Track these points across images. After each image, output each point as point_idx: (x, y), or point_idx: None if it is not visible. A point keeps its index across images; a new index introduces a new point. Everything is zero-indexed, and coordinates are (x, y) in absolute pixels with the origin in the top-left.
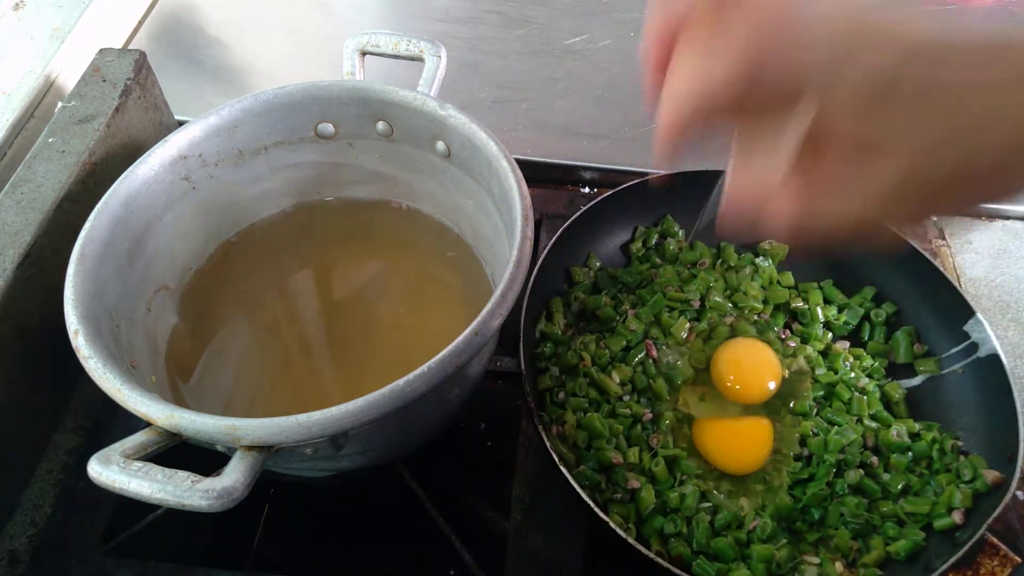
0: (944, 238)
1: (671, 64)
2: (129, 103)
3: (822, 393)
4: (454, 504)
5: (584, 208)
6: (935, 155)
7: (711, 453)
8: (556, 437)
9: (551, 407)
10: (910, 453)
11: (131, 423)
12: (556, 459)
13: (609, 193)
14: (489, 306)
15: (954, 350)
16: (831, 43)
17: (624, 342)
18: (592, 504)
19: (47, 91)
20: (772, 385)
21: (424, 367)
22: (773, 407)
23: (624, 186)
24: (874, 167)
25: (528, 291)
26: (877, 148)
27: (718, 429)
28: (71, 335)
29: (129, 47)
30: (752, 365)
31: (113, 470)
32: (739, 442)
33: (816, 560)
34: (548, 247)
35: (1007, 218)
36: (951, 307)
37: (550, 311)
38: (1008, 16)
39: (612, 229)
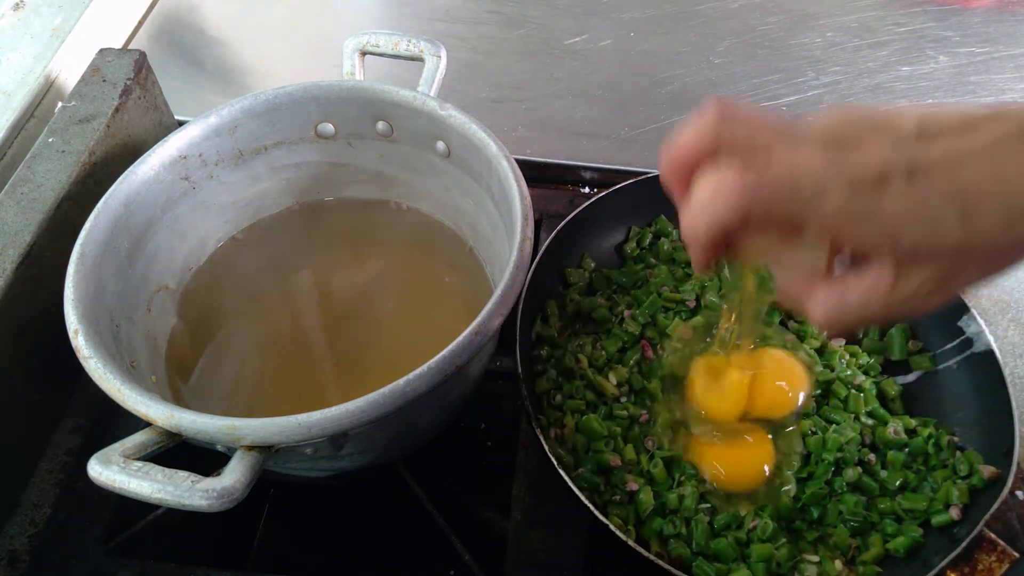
0: None
1: (692, 188)
2: (129, 103)
3: (819, 391)
4: (454, 504)
5: (578, 209)
6: (938, 234)
7: (715, 476)
8: (554, 440)
9: (548, 410)
10: (907, 449)
11: (131, 423)
12: (555, 463)
13: (603, 194)
14: (489, 306)
15: (949, 346)
16: (814, 175)
17: (620, 343)
18: (591, 507)
19: (47, 91)
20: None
21: (424, 367)
22: None
23: (617, 186)
24: (885, 264)
25: (523, 293)
26: (882, 247)
27: (719, 454)
28: (71, 335)
29: (129, 47)
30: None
31: (113, 470)
32: (742, 466)
33: (815, 559)
34: (543, 249)
35: None
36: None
37: (545, 313)
38: (1008, 16)
39: (606, 230)
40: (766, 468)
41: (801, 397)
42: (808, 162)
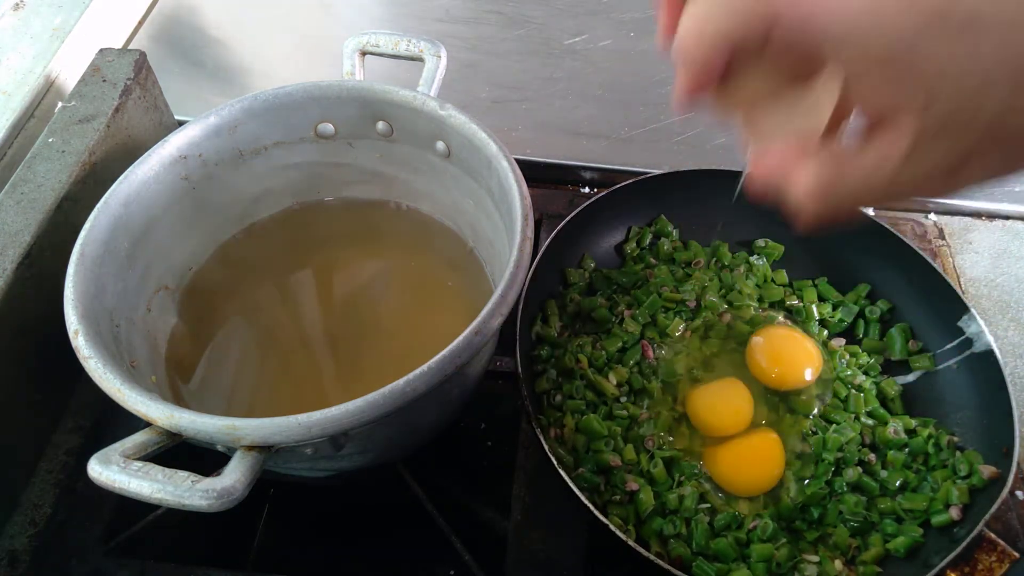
0: (944, 238)
1: (688, 2)
2: (129, 103)
3: (819, 391)
4: (454, 504)
5: (577, 209)
6: (982, 97)
7: (733, 484)
8: (554, 440)
9: (548, 410)
10: (907, 449)
11: (131, 423)
12: (555, 463)
13: (603, 194)
14: (489, 306)
15: (949, 346)
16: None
17: (620, 343)
18: (591, 507)
19: (47, 91)
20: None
21: (424, 367)
22: (772, 404)
23: (617, 186)
24: (904, 132)
25: (523, 293)
26: (910, 108)
27: (736, 460)
28: (71, 335)
29: (129, 47)
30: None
31: (113, 470)
32: (760, 470)
33: (815, 559)
34: (543, 249)
35: (1007, 218)
36: (945, 303)
37: (545, 313)
38: None
39: (606, 230)
40: (778, 471)
41: (810, 370)
42: None
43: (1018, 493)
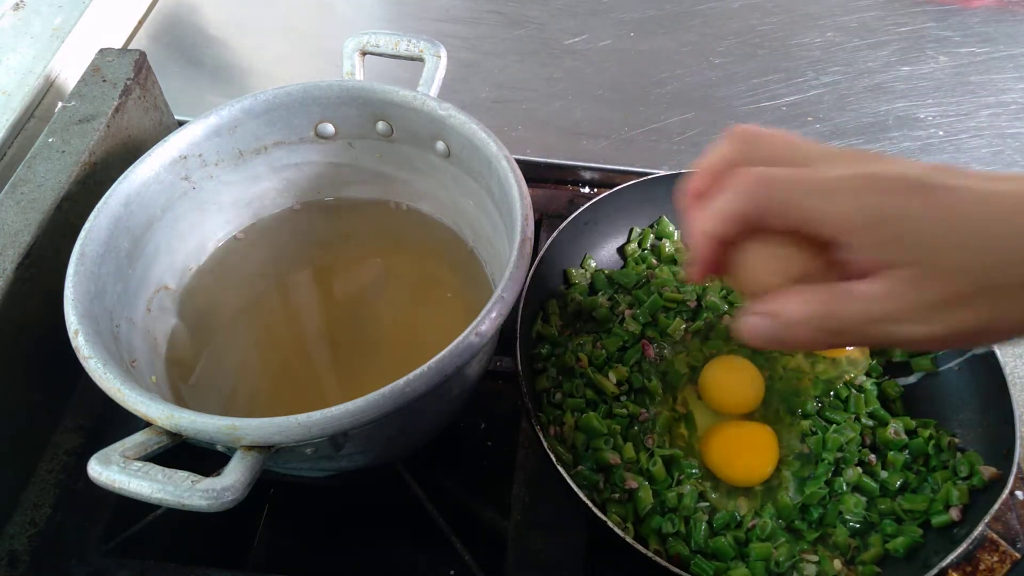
0: None
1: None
2: (129, 103)
3: (820, 391)
4: (454, 504)
5: (579, 210)
6: (949, 263)
7: (723, 470)
8: (554, 438)
9: (548, 408)
10: (907, 450)
11: (131, 423)
12: (554, 460)
13: (604, 195)
14: (489, 306)
15: None
16: (844, 177)
17: (621, 342)
18: (590, 504)
19: (47, 91)
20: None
21: (424, 367)
22: (772, 406)
23: (619, 187)
24: (898, 276)
25: (524, 292)
26: (906, 255)
27: (727, 444)
28: (71, 335)
29: (129, 47)
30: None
31: (113, 470)
32: (750, 457)
33: (815, 558)
34: (544, 249)
35: None
36: None
37: (547, 312)
38: (1008, 16)
39: (608, 231)
40: (772, 465)
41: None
42: (837, 171)
43: (1018, 493)
